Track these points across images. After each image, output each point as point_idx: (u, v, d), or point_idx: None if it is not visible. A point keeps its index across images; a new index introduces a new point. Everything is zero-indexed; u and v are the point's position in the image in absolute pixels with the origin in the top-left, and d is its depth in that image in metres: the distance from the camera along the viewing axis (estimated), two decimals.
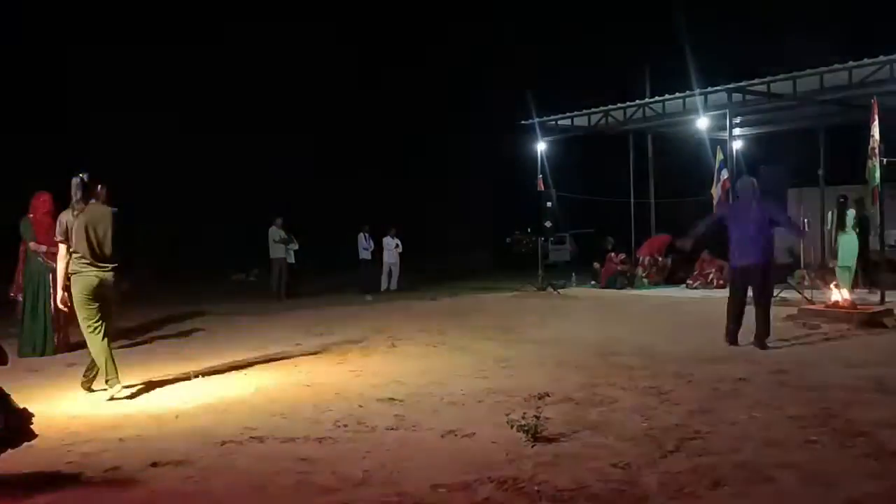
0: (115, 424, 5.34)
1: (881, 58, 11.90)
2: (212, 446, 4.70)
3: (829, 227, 13.09)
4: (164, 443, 4.81)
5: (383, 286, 16.61)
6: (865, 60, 11.96)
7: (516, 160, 19.18)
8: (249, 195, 25.15)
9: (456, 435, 4.79)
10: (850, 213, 12.48)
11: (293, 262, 15.96)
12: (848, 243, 12.41)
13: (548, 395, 5.74)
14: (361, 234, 16.70)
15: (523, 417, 4.75)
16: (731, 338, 7.87)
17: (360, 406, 5.67)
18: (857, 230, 12.44)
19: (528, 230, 17.68)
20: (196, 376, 6.96)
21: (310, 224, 19.50)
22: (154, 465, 4.33)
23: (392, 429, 5.00)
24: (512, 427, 4.72)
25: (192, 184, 25.09)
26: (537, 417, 4.73)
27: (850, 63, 12.05)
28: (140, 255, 21.79)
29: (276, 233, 15.54)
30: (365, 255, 16.63)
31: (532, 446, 4.46)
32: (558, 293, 14.79)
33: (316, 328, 10.45)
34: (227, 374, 7.24)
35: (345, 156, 29.61)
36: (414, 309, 12.89)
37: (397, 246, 16.86)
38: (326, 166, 29.15)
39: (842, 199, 12.72)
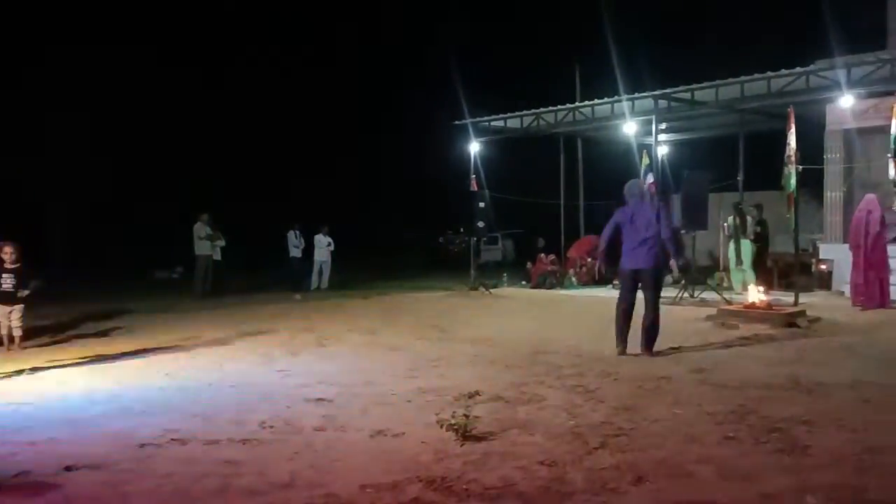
0: (26, 427, 5.09)
1: (797, 69, 12.47)
2: (130, 449, 4.54)
3: (727, 232, 13.76)
4: (79, 446, 4.61)
5: (313, 285, 16.38)
6: (783, 71, 12.51)
7: (450, 160, 19.27)
8: (174, 191, 24.45)
9: (385, 435, 4.76)
10: (750, 220, 13.44)
11: (219, 259, 15.56)
12: (747, 247, 13.26)
13: (478, 394, 5.78)
14: (291, 232, 16.41)
15: (453, 416, 4.77)
16: (621, 339, 7.68)
17: (288, 406, 5.58)
18: (754, 236, 13.34)
19: (461, 230, 17.73)
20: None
21: (238, 221, 19.11)
22: (68, 468, 4.15)
23: (320, 429, 4.94)
24: (441, 426, 4.72)
25: (113, 180, 24.22)
26: (467, 416, 4.76)
27: (769, 73, 12.58)
28: (57, 253, 21.02)
29: (201, 229, 15.11)
30: (295, 253, 16.35)
31: (461, 445, 4.47)
32: (490, 293, 14.92)
33: (242, 327, 10.22)
34: (147, 374, 7.00)
35: (276, 153, 29.12)
36: (344, 308, 12.77)
37: (329, 244, 16.66)
38: (257, 164, 28.61)
39: (740, 206, 13.53)
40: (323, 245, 16.61)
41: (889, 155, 10.93)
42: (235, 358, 7.87)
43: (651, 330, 7.59)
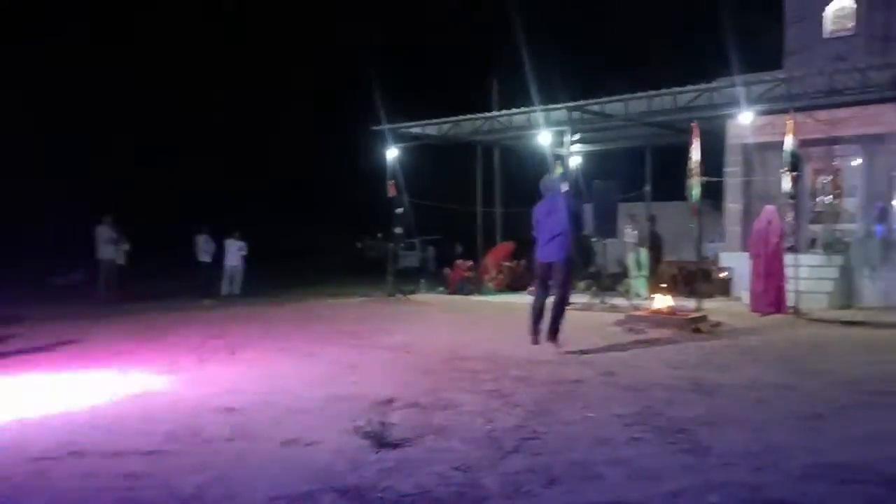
0: None
1: (701, 86, 13.07)
2: (25, 462, 4.27)
3: (626, 239, 14.36)
4: None
5: (224, 290, 15.94)
6: (688, 87, 13.08)
7: (368, 166, 19.16)
8: (76, 192, 23.29)
9: (297, 444, 4.66)
10: (645, 230, 14.16)
11: (124, 263, 14.92)
12: (644, 256, 14.04)
13: (393, 401, 5.74)
14: (200, 237, 15.92)
15: (368, 424, 4.71)
16: (533, 330, 8.06)
17: (195, 416, 5.38)
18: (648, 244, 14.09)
19: (379, 235, 17.65)
20: None
21: (145, 224, 18.38)
22: None
23: (229, 440, 4.78)
24: (356, 434, 4.66)
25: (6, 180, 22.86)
26: (382, 423, 4.71)
27: (675, 89, 13.14)
28: None
29: (104, 232, 14.45)
30: (205, 257, 15.87)
31: (376, 453, 4.43)
32: (408, 299, 14.90)
33: (148, 334, 9.82)
34: (44, 384, 6.62)
35: (186, 154, 28.21)
36: (257, 314, 12.47)
37: (241, 249, 16.25)
38: (165, 164, 27.62)
39: (635, 217, 14.23)
40: (234, 250, 16.19)
41: (784, 169, 11.57)
42: (140, 366, 7.54)
43: (556, 319, 8.00)
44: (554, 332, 8.02)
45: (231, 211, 21.68)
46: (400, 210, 15.86)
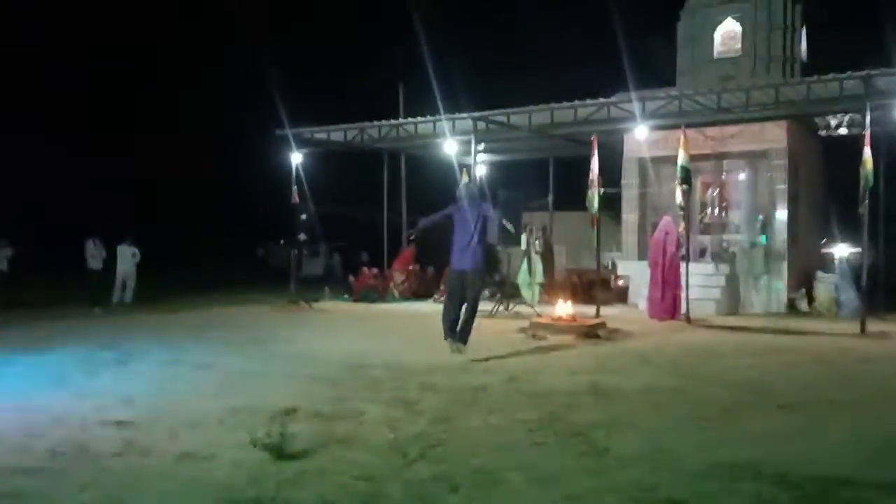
0: None
1: (601, 100, 13.54)
2: None
3: (523, 247, 14.74)
4: None
5: (116, 298, 15.16)
6: (588, 101, 13.52)
7: (271, 171, 18.75)
8: None
9: (193, 458, 4.47)
10: (540, 239, 14.75)
11: (6, 269, 13.97)
12: (537, 264, 14.51)
13: (294, 411, 5.61)
14: (90, 241, 15.07)
15: (268, 435, 4.58)
16: (448, 327, 8.27)
17: (82, 431, 5.08)
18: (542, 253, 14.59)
19: (282, 242, 17.26)
20: None
21: (33, 227, 17.29)
22: None
23: (119, 455, 4.54)
24: (255, 446, 4.53)
25: None
26: (282, 435, 4.59)
27: (576, 102, 13.55)
28: None
29: None
30: (94, 263, 15.04)
31: (276, 465, 4.31)
32: (311, 307, 14.65)
33: (33, 344, 9.22)
34: None
35: (78, 155, 26.73)
36: (151, 323, 11.94)
37: (134, 255, 15.51)
38: (54, 164, 26.07)
39: (528, 227, 14.67)
40: (127, 256, 15.44)
41: (676, 182, 12.14)
42: (22, 377, 7.07)
43: (467, 325, 8.24)
44: (464, 339, 8.23)
45: (125, 216, 20.66)
46: (304, 216, 15.59)
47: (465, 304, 8.26)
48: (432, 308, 14.71)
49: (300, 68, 29.54)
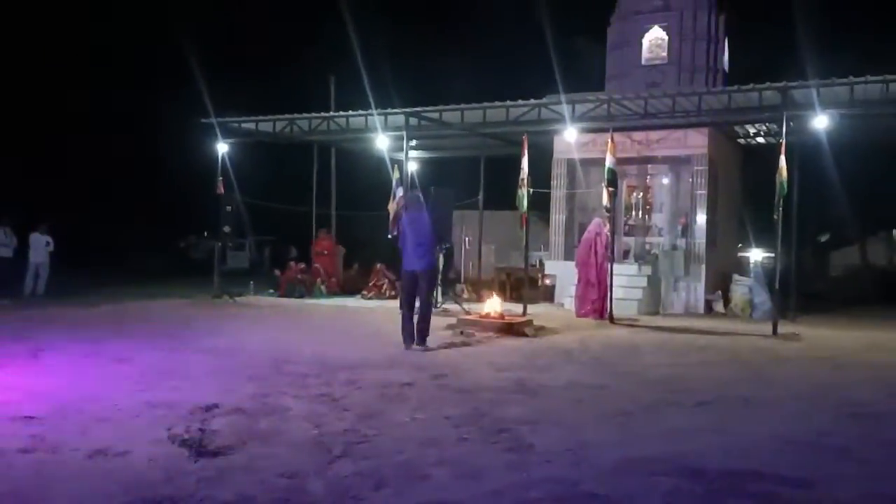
0: None
1: (532, 101, 13.70)
2: None
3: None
4: None
5: (27, 289, 14.44)
6: (519, 102, 13.66)
7: (196, 160, 18.19)
8: None
9: (106, 454, 4.29)
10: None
11: None
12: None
13: (216, 407, 5.46)
14: None
15: (187, 431, 4.45)
16: (407, 335, 8.67)
17: None
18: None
19: (206, 234, 16.74)
20: None
21: None
22: None
23: (26, 451, 4.32)
24: (173, 442, 4.39)
25: None
26: (202, 430, 4.47)
27: (508, 102, 13.67)
28: None
29: None
30: (4, 252, 14.28)
31: (195, 461, 4.18)
32: (235, 301, 14.32)
33: None
34: None
35: None
36: (65, 316, 11.42)
37: (48, 244, 14.80)
38: None
39: None
40: (40, 245, 14.72)
41: (603, 184, 12.41)
42: None
43: (423, 324, 8.67)
44: (423, 337, 8.64)
45: (39, 203, 19.69)
46: (229, 208, 15.20)
47: (419, 306, 8.71)
48: (359, 304, 14.63)
49: (231, 57, 28.84)
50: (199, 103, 16.33)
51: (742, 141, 16.68)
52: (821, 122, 11.91)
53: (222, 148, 15.65)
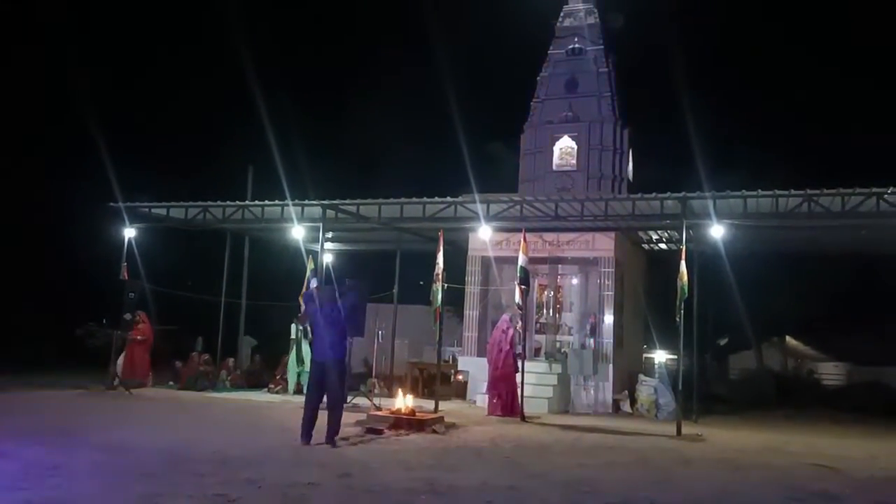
0: None
1: (448, 199, 14.04)
2: None
3: (293, 336, 14.68)
4: None
5: None
6: (436, 199, 13.98)
7: (99, 245, 17.51)
8: None
9: None
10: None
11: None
12: (306, 351, 14.21)
13: None
14: None
15: None
16: (306, 434, 8.31)
17: None
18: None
19: (104, 321, 15.91)
20: None
21: None
22: None
23: None
24: None
25: None
26: None
27: (425, 199, 13.96)
28: None
29: None
30: None
31: None
32: (130, 393, 13.53)
33: None
34: None
35: None
36: None
37: None
38: None
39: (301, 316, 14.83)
40: None
41: (516, 282, 12.66)
42: None
43: (334, 419, 8.36)
44: (332, 433, 8.30)
45: None
46: (132, 294, 14.59)
47: (326, 396, 8.44)
48: (263, 398, 14.08)
49: (149, 143, 28.45)
50: (107, 187, 15.91)
51: (646, 246, 17.50)
52: (717, 231, 12.68)
53: (129, 233, 15.17)
